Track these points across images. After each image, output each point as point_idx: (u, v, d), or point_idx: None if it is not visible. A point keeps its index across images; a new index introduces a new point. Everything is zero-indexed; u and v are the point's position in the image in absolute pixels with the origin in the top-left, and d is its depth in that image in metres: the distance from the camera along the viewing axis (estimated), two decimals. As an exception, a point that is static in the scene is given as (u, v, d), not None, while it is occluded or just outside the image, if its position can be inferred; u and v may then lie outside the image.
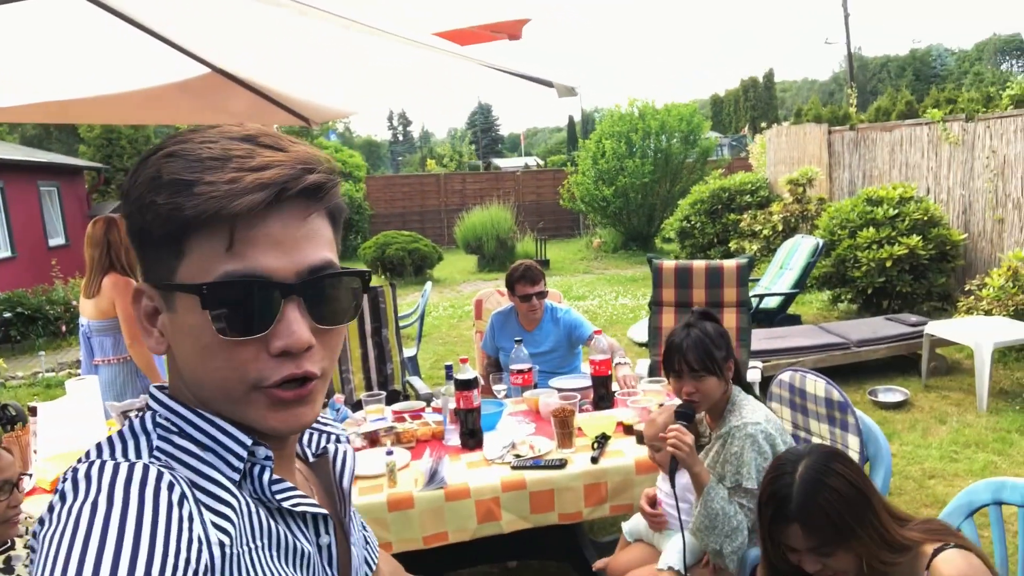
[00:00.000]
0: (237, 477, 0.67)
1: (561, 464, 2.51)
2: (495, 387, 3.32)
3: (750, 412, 2.19)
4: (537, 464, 2.53)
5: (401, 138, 72.73)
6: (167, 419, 0.69)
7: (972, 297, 6.20)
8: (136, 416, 0.70)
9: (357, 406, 3.21)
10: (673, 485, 2.09)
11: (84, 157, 16.98)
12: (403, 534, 2.40)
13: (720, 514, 2.05)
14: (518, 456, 2.59)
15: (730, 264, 4.08)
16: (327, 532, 0.76)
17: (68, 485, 0.60)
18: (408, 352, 5.55)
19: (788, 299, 7.13)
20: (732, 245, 10.48)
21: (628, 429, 2.77)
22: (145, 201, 0.64)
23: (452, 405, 2.80)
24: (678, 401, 2.77)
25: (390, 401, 3.43)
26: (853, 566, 1.49)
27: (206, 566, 0.58)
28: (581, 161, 15.36)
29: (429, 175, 21.26)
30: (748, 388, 2.36)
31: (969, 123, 7.47)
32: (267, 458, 0.69)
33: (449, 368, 2.93)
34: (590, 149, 14.93)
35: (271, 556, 0.67)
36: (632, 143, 14.22)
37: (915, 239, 6.91)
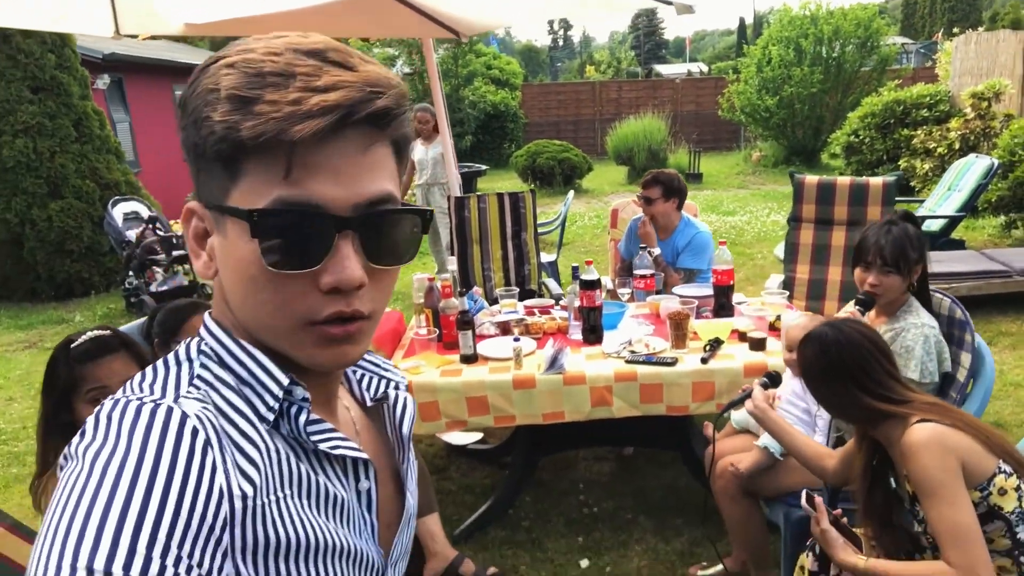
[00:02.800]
0: (271, 417, 0.65)
1: (672, 362, 2.72)
2: (620, 291, 3.53)
3: (927, 316, 2.34)
4: (649, 360, 2.75)
5: (561, 43, 71.40)
6: (211, 347, 0.67)
7: None
8: (184, 343, 0.69)
9: (495, 302, 3.55)
10: None
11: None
12: (525, 409, 2.74)
13: None
14: (633, 352, 2.82)
15: (876, 181, 3.98)
16: (367, 477, 0.72)
17: (91, 423, 0.58)
18: (549, 257, 5.85)
19: (953, 223, 6.68)
20: (902, 163, 9.78)
21: (742, 336, 2.91)
22: (201, 115, 0.60)
23: (577, 303, 3.06)
24: (797, 314, 2.88)
25: (524, 298, 3.74)
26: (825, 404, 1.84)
27: (224, 519, 0.57)
28: (744, 69, 14.62)
29: (584, 83, 21.01)
30: (926, 299, 2.43)
31: None
32: (304, 399, 0.67)
33: (575, 269, 3.17)
34: (755, 56, 14.16)
35: (301, 504, 0.64)
36: (802, 49, 13.35)
37: (1112, 162, 6.24)
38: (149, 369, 0.66)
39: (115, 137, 8.22)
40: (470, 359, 2.88)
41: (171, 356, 0.67)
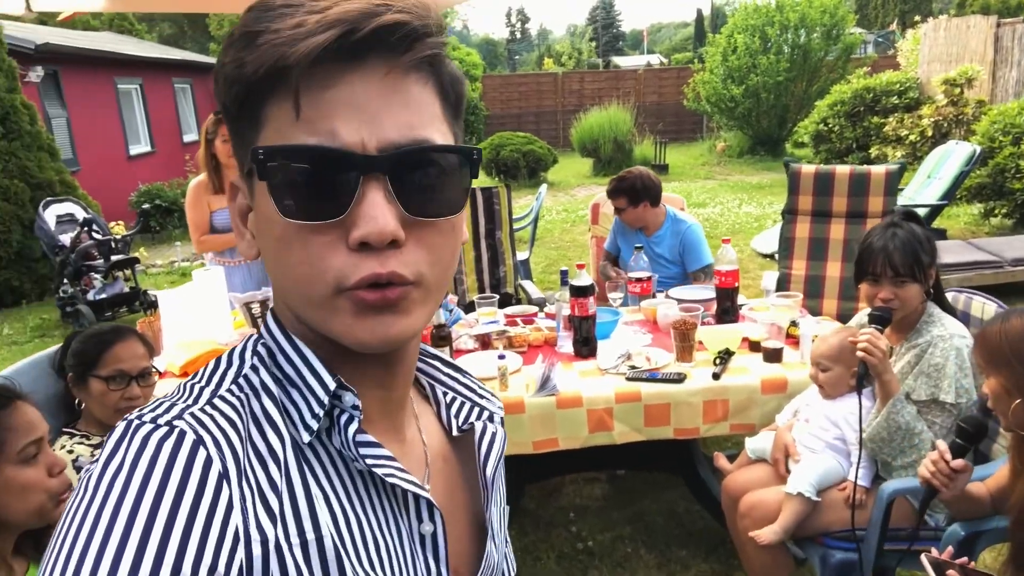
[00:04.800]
0: (315, 425, 0.57)
1: (679, 378, 2.39)
2: (611, 295, 3.19)
3: (953, 324, 2.03)
4: (654, 377, 2.41)
5: (519, 36, 71.02)
6: (266, 345, 0.61)
7: None
8: (250, 338, 0.63)
9: (470, 308, 3.17)
10: (860, 397, 1.93)
11: (214, 55, 17.53)
12: (513, 437, 2.37)
13: (903, 428, 1.93)
14: (633, 367, 2.48)
15: (878, 170, 3.70)
16: (431, 520, 0.62)
17: (105, 446, 0.52)
18: (521, 255, 5.48)
19: (934, 212, 6.50)
20: (873, 151, 9.66)
21: (754, 345, 2.59)
22: (218, 67, 0.54)
23: (566, 312, 2.70)
24: (814, 321, 2.56)
25: (502, 304, 3.38)
26: (995, 393, 1.59)
27: (240, 568, 0.49)
28: (709, 58, 14.42)
29: (546, 74, 20.67)
30: (946, 304, 2.16)
31: None
32: (354, 406, 0.58)
33: (564, 273, 2.82)
34: (720, 45, 13.96)
35: (338, 548, 0.55)
36: (767, 38, 13.17)
37: (1094, 147, 6.09)
38: (206, 367, 0.60)
39: (48, 133, 7.61)
40: (447, 380, 2.50)
41: (225, 355, 0.61)
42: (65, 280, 6.04)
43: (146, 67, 13.17)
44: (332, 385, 0.57)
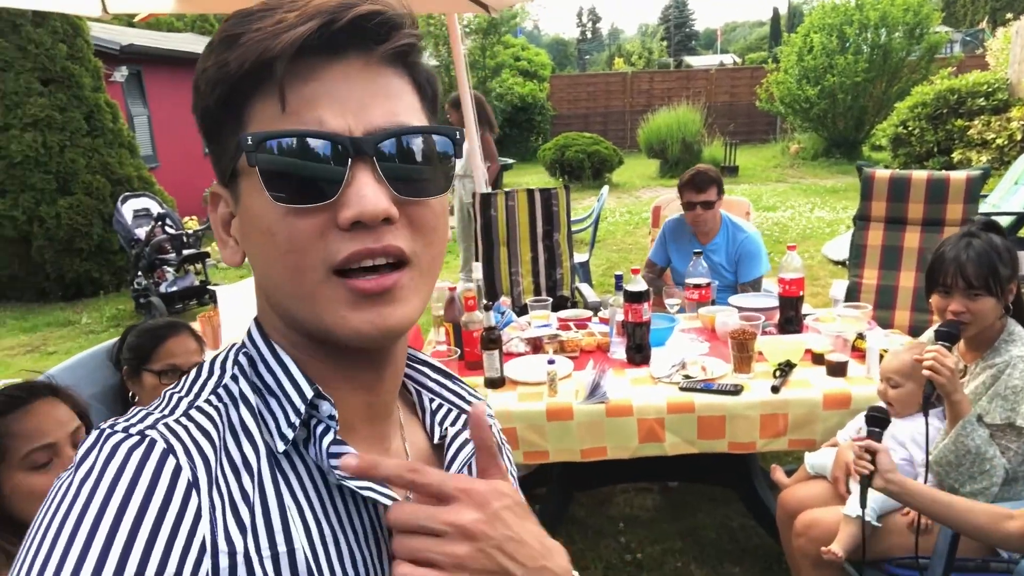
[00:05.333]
0: (291, 434, 0.56)
1: (736, 390, 2.30)
2: (667, 301, 3.10)
3: None
4: (708, 388, 2.33)
5: (590, 35, 70.67)
6: (247, 353, 0.61)
7: None
8: (232, 347, 0.63)
9: (523, 310, 3.14)
10: (927, 417, 1.83)
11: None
12: (561, 444, 2.33)
13: (973, 452, 1.81)
14: (687, 377, 2.40)
15: (958, 176, 3.49)
16: None
17: (75, 456, 0.52)
18: (580, 257, 5.42)
19: (1021, 220, 6.15)
20: (956, 156, 9.22)
21: (818, 358, 2.48)
22: (199, 72, 0.56)
23: (620, 317, 2.64)
24: (882, 334, 2.46)
25: (557, 307, 3.33)
26: None
27: None
28: (784, 58, 14.02)
29: (615, 74, 20.48)
30: None
31: None
32: (331, 416, 0.57)
33: (619, 278, 2.75)
34: (796, 44, 13.55)
35: (309, 562, 0.54)
36: (845, 37, 12.72)
37: None
38: (187, 376, 0.60)
39: (129, 131, 7.92)
40: (496, 383, 2.48)
41: (207, 364, 0.61)
42: (139, 272, 6.26)
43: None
44: (310, 393, 0.57)
